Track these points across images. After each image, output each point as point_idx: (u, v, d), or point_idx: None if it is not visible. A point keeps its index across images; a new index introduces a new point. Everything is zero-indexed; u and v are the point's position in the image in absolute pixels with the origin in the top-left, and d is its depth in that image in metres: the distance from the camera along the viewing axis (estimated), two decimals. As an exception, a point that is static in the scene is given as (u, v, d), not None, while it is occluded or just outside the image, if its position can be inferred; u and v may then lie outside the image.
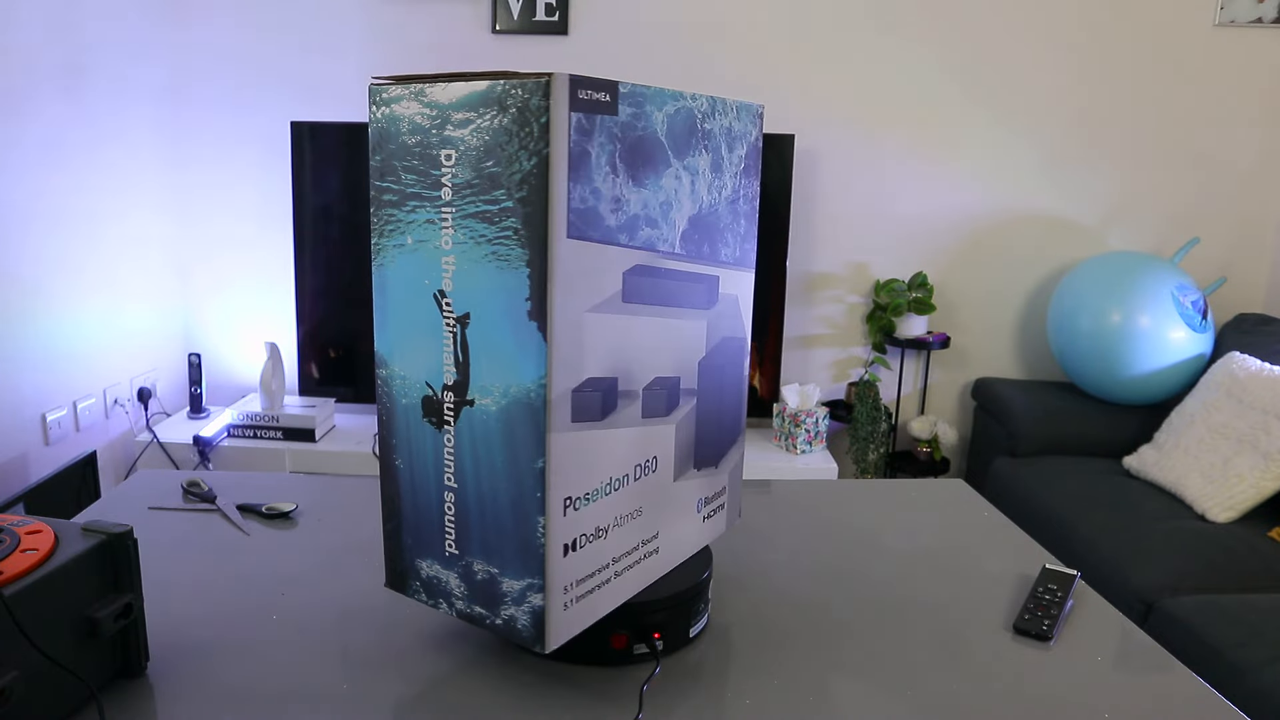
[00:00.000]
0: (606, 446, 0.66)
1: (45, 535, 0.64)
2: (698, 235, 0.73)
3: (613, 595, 0.70)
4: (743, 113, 0.76)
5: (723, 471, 0.83)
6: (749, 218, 0.80)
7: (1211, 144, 2.69)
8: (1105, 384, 2.46)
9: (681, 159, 0.69)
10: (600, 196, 0.61)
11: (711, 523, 0.83)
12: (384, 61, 2.63)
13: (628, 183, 0.63)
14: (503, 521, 0.64)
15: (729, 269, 0.78)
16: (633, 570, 0.72)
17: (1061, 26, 2.61)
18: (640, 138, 0.64)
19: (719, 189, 0.74)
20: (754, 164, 0.79)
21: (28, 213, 2.10)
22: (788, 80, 2.65)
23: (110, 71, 2.37)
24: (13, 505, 1.88)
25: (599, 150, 0.61)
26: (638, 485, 0.71)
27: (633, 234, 0.65)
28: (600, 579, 0.68)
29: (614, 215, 0.63)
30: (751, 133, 0.78)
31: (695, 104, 0.70)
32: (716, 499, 0.83)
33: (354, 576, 0.86)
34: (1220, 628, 1.57)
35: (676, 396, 0.74)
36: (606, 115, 0.61)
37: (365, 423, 2.69)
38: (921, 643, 0.78)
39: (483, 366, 0.63)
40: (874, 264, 2.77)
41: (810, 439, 2.55)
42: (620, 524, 0.69)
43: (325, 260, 2.53)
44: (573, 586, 0.65)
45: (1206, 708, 0.70)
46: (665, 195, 0.67)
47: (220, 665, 0.71)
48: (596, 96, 0.60)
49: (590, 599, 0.67)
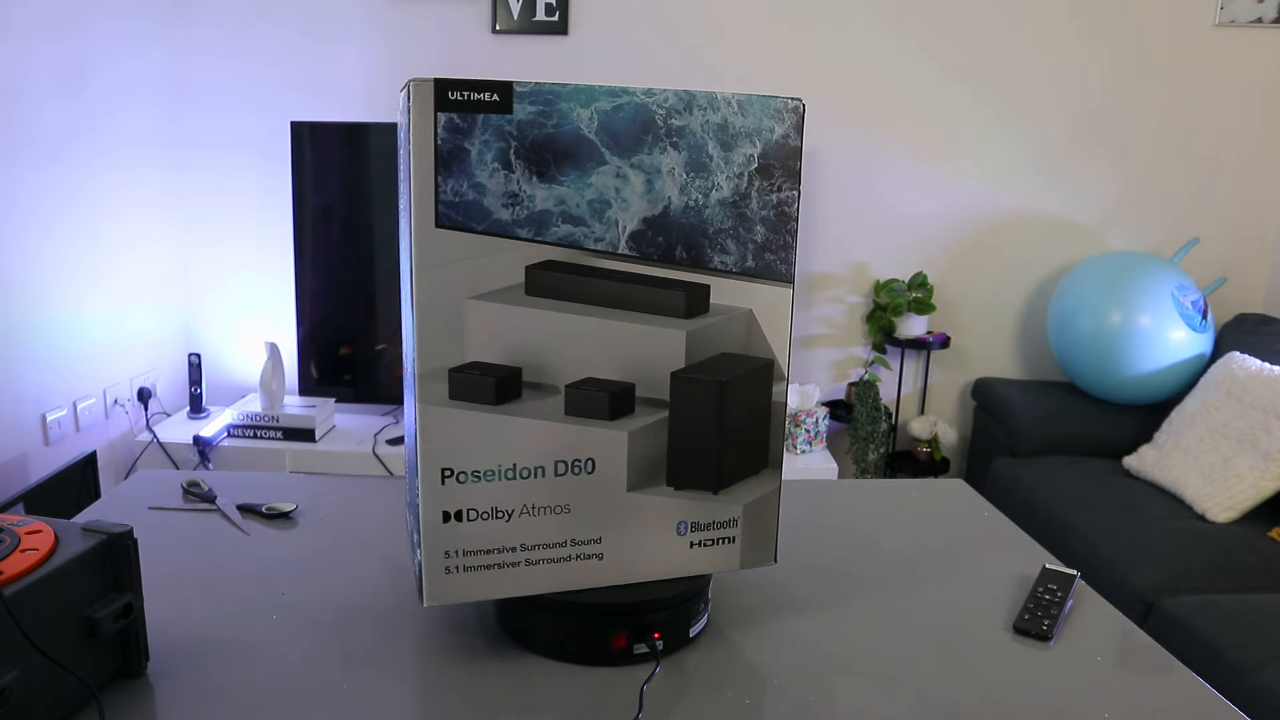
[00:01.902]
0: (506, 432, 0.69)
1: (45, 535, 0.64)
2: (661, 237, 0.69)
3: (527, 581, 0.72)
4: (752, 108, 0.70)
5: (730, 503, 0.76)
6: (772, 224, 0.72)
7: (1211, 144, 2.69)
8: (1105, 384, 2.46)
9: (627, 157, 0.68)
10: (485, 191, 0.65)
11: (708, 553, 0.76)
12: (384, 62, 2.63)
13: (530, 178, 0.65)
14: (411, 481, 0.72)
15: (732, 279, 0.72)
16: (559, 565, 0.72)
17: (1062, 27, 2.61)
18: (550, 135, 0.65)
19: (703, 189, 0.70)
20: (778, 164, 0.71)
21: (28, 213, 2.10)
22: (788, 80, 2.65)
23: (110, 71, 2.37)
24: (13, 505, 1.88)
25: (483, 147, 0.64)
26: (563, 482, 0.71)
27: (541, 229, 0.67)
28: (503, 559, 0.71)
29: (509, 210, 0.66)
30: (772, 129, 0.71)
31: (654, 99, 0.67)
32: (714, 529, 0.76)
33: (354, 577, 0.86)
34: (1220, 628, 1.57)
35: (629, 403, 0.72)
36: (495, 114, 0.64)
37: (365, 423, 2.69)
38: (921, 643, 0.78)
39: (408, 342, 0.70)
40: (874, 264, 2.77)
41: (810, 439, 2.55)
42: (533, 514, 0.71)
43: (325, 260, 2.53)
44: (459, 555, 0.70)
45: (1206, 708, 0.70)
46: (598, 192, 0.67)
47: (220, 665, 0.71)
48: (477, 97, 0.63)
49: (489, 574, 0.71)
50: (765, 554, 0.78)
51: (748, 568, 0.79)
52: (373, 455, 2.46)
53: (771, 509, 0.78)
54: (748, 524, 0.77)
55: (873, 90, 2.66)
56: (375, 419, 2.74)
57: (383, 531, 0.96)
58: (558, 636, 0.73)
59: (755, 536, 0.78)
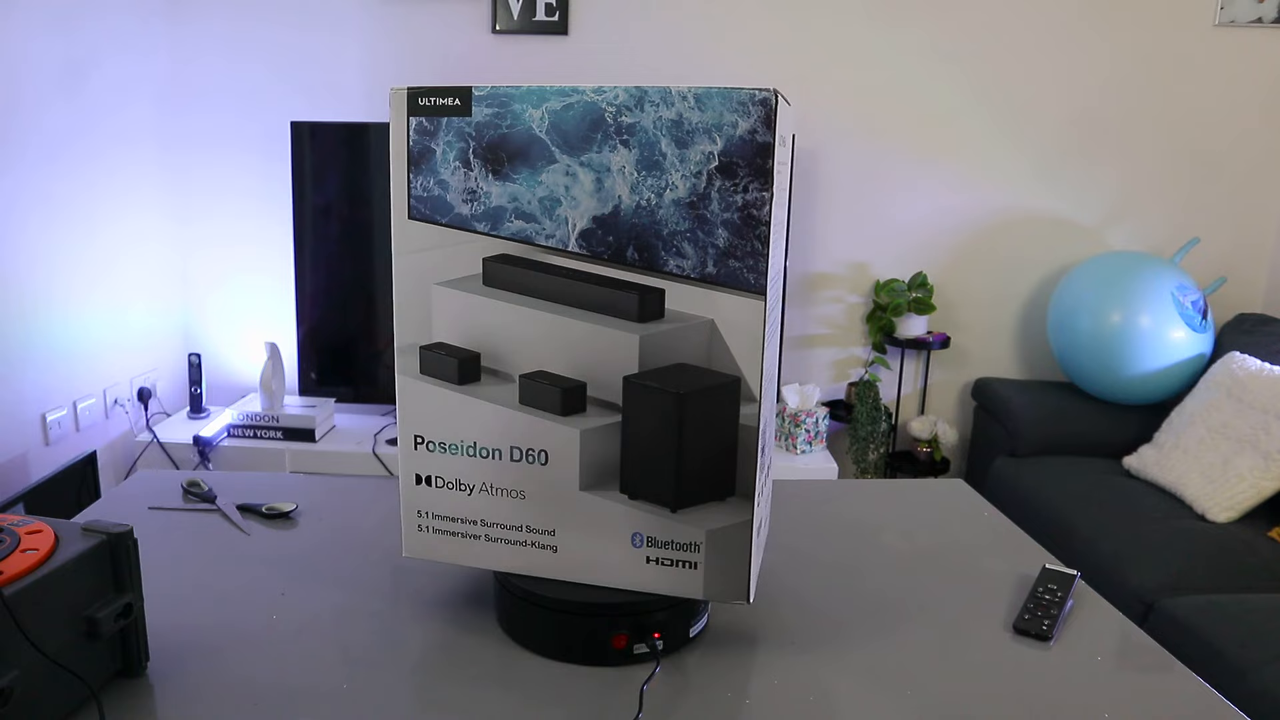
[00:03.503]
0: (468, 411, 0.73)
1: (45, 535, 0.64)
2: (612, 237, 0.68)
3: (487, 557, 0.76)
4: (711, 102, 0.65)
5: (690, 525, 0.72)
6: (737, 228, 0.66)
7: (1211, 144, 2.69)
8: (1105, 384, 2.46)
9: (576, 155, 0.68)
10: (448, 187, 0.70)
11: (667, 573, 0.73)
12: (384, 62, 2.63)
13: (486, 176, 0.69)
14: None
15: (689, 285, 0.67)
16: (515, 548, 0.75)
17: (1062, 27, 2.61)
18: (504, 135, 0.68)
19: (658, 189, 0.66)
20: (743, 162, 0.65)
21: (28, 213, 2.10)
22: (788, 80, 2.65)
23: (110, 71, 2.37)
24: (13, 505, 1.88)
25: (446, 147, 0.69)
26: (516, 468, 0.73)
27: (496, 224, 0.70)
28: (465, 530, 0.76)
29: (468, 205, 0.70)
30: (735, 124, 0.65)
31: (604, 97, 0.66)
32: (674, 549, 0.72)
33: (354, 576, 0.86)
34: (1220, 628, 1.57)
35: (581, 402, 0.71)
36: (456, 117, 0.68)
37: (365, 423, 2.69)
38: (921, 643, 0.78)
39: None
40: (874, 264, 2.77)
41: (810, 439, 2.55)
42: (491, 493, 0.75)
43: (325, 260, 2.53)
44: (429, 516, 0.76)
45: (1206, 708, 0.70)
46: (548, 190, 0.68)
47: (220, 665, 0.71)
48: (442, 102, 0.69)
49: (454, 541, 0.77)
50: (736, 590, 0.72)
51: (714, 600, 0.73)
52: (373, 455, 2.46)
53: (742, 543, 0.71)
54: (712, 553, 0.72)
55: (873, 90, 2.66)
56: (375, 419, 2.73)
57: (383, 531, 0.96)
58: (558, 636, 0.73)
59: (722, 568, 0.72)
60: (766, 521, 0.83)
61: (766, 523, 0.83)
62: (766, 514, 0.81)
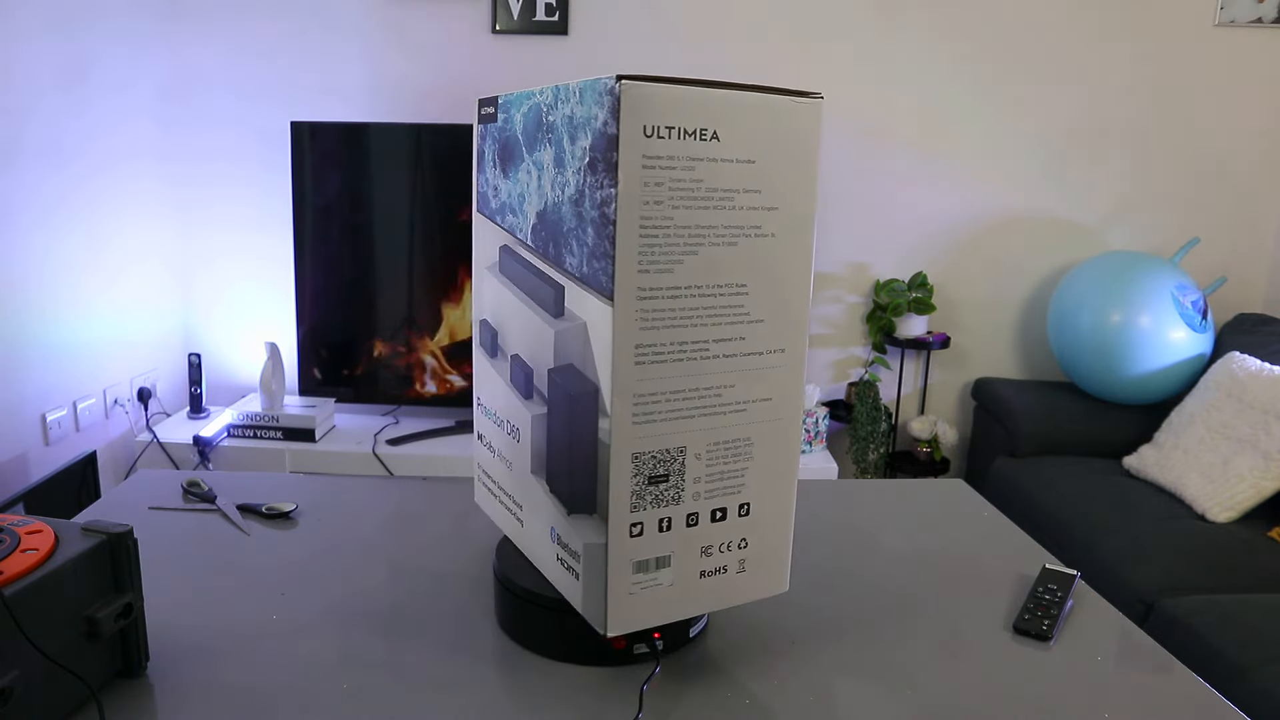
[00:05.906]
0: (490, 379, 0.82)
1: (45, 535, 0.64)
2: (545, 232, 0.69)
3: (490, 507, 0.85)
4: (586, 95, 0.61)
5: (575, 531, 0.67)
6: (598, 227, 0.61)
7: (1211, 144, 2.69)
8: (1105, 384, 2.46)
9: (531, 154, 0.70)
10: (488, 184, 0.78)
11: (563, 575, 0.70)
12: (384, 62, 2.63)
13: (499, 175, 0.76)
14: None
15: (575, 285, 0.65)
16: (504, 511, 0.81)
17: (1062, 27, 2.61)
18: (508, 137, 0.74)
19: (561, 185, 0.66)
20: (600, 157, 0.60)
21: (28, 213, 2.10)
22: (788, 80, 2.65)
23: (110, 71, 2.37)
24: (13, 505, 1.88)
25: (488, 150, 0.78)
26: (508, 440, 0.79)
27: (503, 218, 0.77)
28: (493, 487, 0.84)
29: (494, 200, 0.78)
30: (596, 117, 0.60)
31: (542, 98, 0.67)
32: (566, 552, 0.69)
33: (354, 576, 0.86)
34: (1220, 628, 1.57)
35: (530, 388, 0.73)
36: (491, 124, 0.77)
37: (365, 423, 2.69)
38: (921, 643, 0.78)
39: None
40: (874, 264, 2.77)
41: (810, 439, 2.55)
42: (494, 451, 0.83)
43: (325, 260, 2.53)
44: (480, 470, 0.87)
45: (1206, 708, 0.70)
46: (520, 187, 0.73)
47: (220, 665, 0.71)
48: (487, 110, 0.77)
49: (482, 490, 0.87)
50: (597, 613, 0.66)
51: (589, 616, 0.67)
52: (373, 455, 2.46)
53: (599, 565, 0.64)
54: (587, 567, 0.66)
55: (873, 90, 2.66)
56: (375, 419, 2.73)
57: (383, 531, 0.96)
58: (558, 636, 0.73)
59: (592, 586, 0.66)
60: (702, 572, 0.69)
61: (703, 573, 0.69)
62: (706, 564, 0.69)
